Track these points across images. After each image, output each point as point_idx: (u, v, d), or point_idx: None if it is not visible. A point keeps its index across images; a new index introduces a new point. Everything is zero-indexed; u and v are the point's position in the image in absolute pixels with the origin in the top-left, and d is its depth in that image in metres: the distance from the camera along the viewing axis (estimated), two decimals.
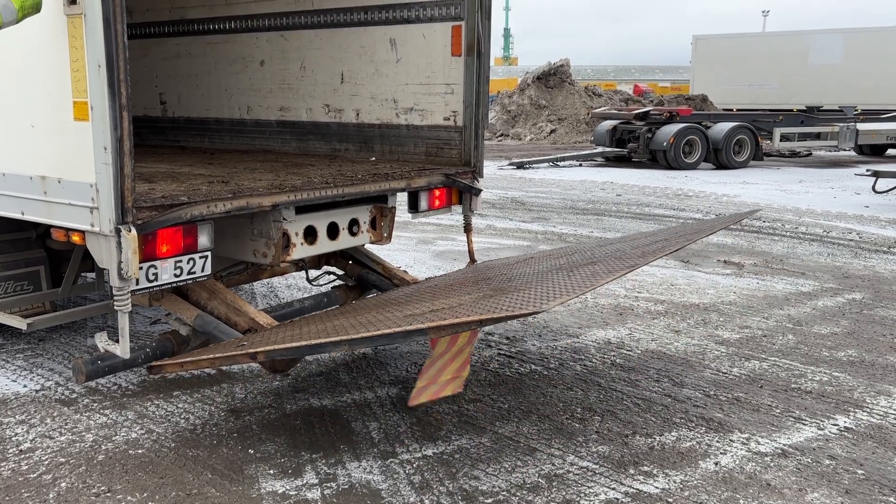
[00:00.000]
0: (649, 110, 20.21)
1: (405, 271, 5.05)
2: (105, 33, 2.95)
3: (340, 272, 5.16)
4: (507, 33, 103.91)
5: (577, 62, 39.97)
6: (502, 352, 5.07)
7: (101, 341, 3.49)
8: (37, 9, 3.04)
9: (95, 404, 4.11)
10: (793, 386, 4.54)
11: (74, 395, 4.23)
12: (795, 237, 9.57)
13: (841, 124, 20.57)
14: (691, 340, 5.39)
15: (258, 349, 3.00)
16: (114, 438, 3.72)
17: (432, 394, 3.07)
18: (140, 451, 3.59)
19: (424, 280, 4.91)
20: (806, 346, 5.30)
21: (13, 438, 3.71)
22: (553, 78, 30.52)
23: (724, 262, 8.06)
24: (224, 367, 4.66)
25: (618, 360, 4.94)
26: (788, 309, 6.24)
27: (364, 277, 4.97)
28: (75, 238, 3.33)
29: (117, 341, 3.42)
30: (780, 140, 20.07)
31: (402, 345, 2.74)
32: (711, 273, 7.53)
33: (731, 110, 21.05)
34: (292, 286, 6.64)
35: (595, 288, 3.12)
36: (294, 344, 2.95)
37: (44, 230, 4.18)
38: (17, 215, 3.55)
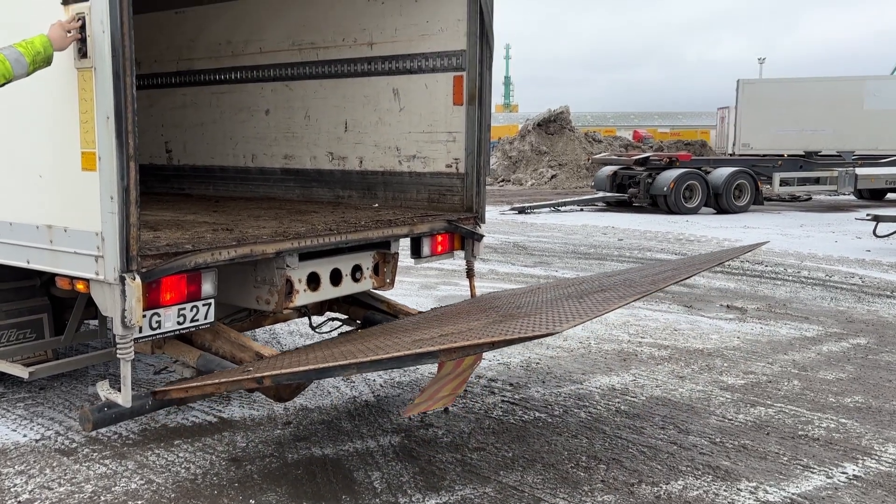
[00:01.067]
0: (649, 156, 20.41)
1: (410, 307, 5.04)
2: (115, 86, 3.01)
3: (344, 317, 5.15)
4: (507, 81, 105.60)
5: (577, 109, 40.51)
6: (506, 398, 5.03)
7: (103, 390, 3.47)
8: (48, 62, 3.10)
9: (95, 454, 4.07)
10: (800, 433, 4.49)
11: (74, 445, 4.19)
12: (798, 281, 9.56)
13: (840, 169, 20.73)
14: (696, 386, 5.35)
15: (264, 374, 2.98)
16: (113, 489, 3.67)
17: (425, 407, 3.11)
18: (139, 503, 3.54)
19: (430, 310, 4.91)
20: (812, 391, 5.26)
21: (12, 489, 3.66)
22: (553, 124, 30.90)
23: (728, 306, 8.04)
24: (225, 416, 4.62)
25: (622, 407, 4.90)
26: (793, 354, 6.21)
27: (370, 317, 4.95)
28: (80, 286, 3.34)
29: (119, 390, 3.40)
30: (780, 185, 20.21)
31: (411, 366, 2.71)
32: (715, 318, 7.50)
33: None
34: (294, 332, 6.63)
35: (608, 312, 3.09)
36: (301, 368, 2.93)
37: (48, 278, 4.19)
38: (23, 264, 3.57)
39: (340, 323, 5.17)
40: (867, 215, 13.01)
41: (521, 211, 18.82)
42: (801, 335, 6.84)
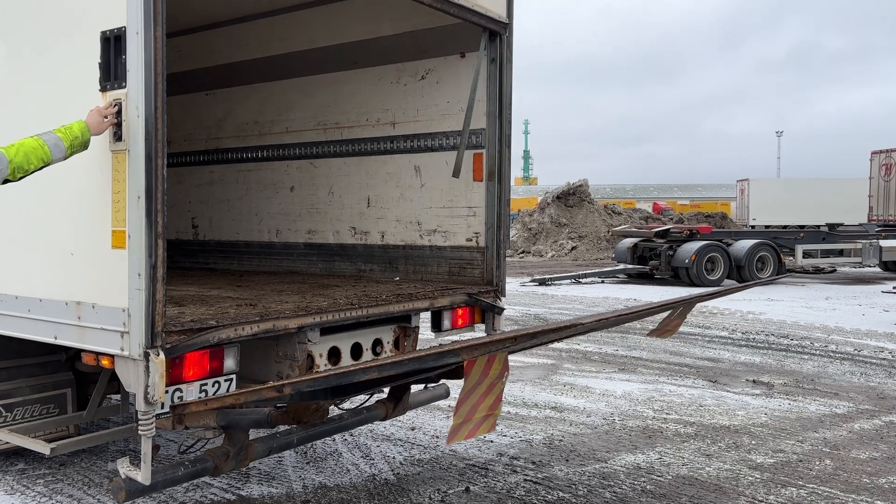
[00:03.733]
0: (669, 228, 20.43)
1: None
2: (146, 167, 3.12)
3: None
4: (526, 155, 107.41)
5: (596, 181, 40.91)
6: (528, 477, 4.93)
7: (123, 467, 3.45)
8: (85, 146, 3.23)
9: None
10: None
11: None
12: (825, 356, 9.37)
13: (864, 241, 20.57)
14: (723, 465, 5.20)
15: (285, 382, 2.99)
16: None
17: (468, 433, 3.01)
18: None
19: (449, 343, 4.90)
20: (845, 472, 5.09)
21: None
22: (572, 197, 31.16)
23: (754, 381, 7.88)
24: (244, 493, 4.56)
25: (648, 487, 4.77)
26: (823, 432, 6.04)
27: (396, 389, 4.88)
28: (104, 362, 3.37)
29: (139, 466, 3.38)
30: (803, 257, 20.06)
31: (433, 367, 2.62)
32: (741, 393, 7.35)
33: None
34: None
35: (630, 314, 3.01)
36: (321, 374, 2.94)
37: (73, 353, 4.24)
38: (51, 339, 3.62)
39: (366, 398, 5.08)
40: (893, 287, 12.83)
41: (542, 283, 18.79)
42: (831, 412, 6.67)
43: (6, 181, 3.19)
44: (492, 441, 5.70)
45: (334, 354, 4.26)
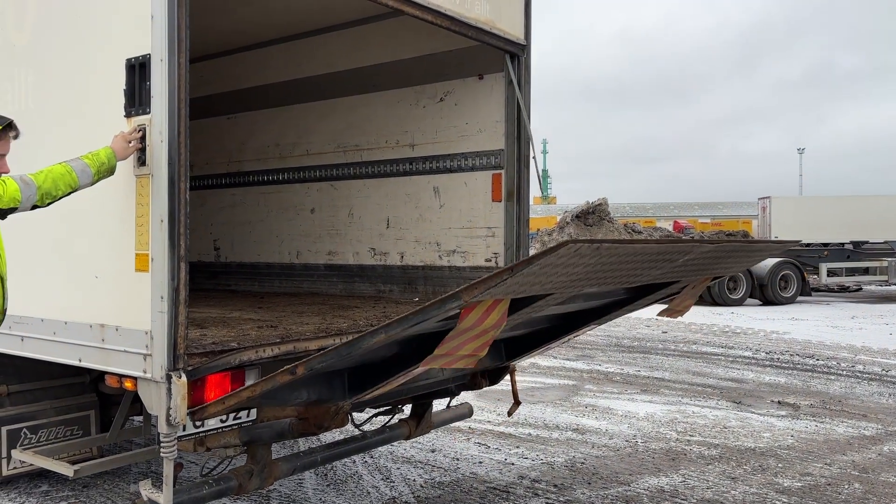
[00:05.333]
0: None
1: None
2: (170, 191, 3.16)
3: (387, 407, 5.07)
4: (545, 174, 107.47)
5: (615, 200, 40.75)
6: (550, 501, 4.87)
7: (145, 489, 3.46)
8: (111, 172, 3.28)
9: None
10: None
11: None
12: (853, 376, 9.21)
13: (890, 259, 20.27)
14: (749, 489, 5.11)
15: (296, 364, 2.99)
16: None
17: (445, 363, 2.97)
18: None
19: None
20: (875, 496, 4.98)
21: None
22: (592, 216, 31.04)
23: (779, 402, 7.76)
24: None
25: None
26: (852, 454, 5.92)
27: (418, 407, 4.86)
28: (127, 384, 3.40)
29: (161, 488, 3.39)
30: (828, 275, 19.81)
31: (437, 316, 2.52)
32: (766, 415, 7.24)
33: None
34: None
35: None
36: (332, 347, 2.96)
37: (97, 375, 4.28)
38: (75, 362, 3.65)
39: (389, 418, 5.07)
40: None
41: None
42: (859, 434, 6.54)
43: (35, 207, 3.25)
44: (513, 464, 5.65)
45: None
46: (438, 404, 4.98)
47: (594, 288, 3.18)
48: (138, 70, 3.25)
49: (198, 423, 3.35)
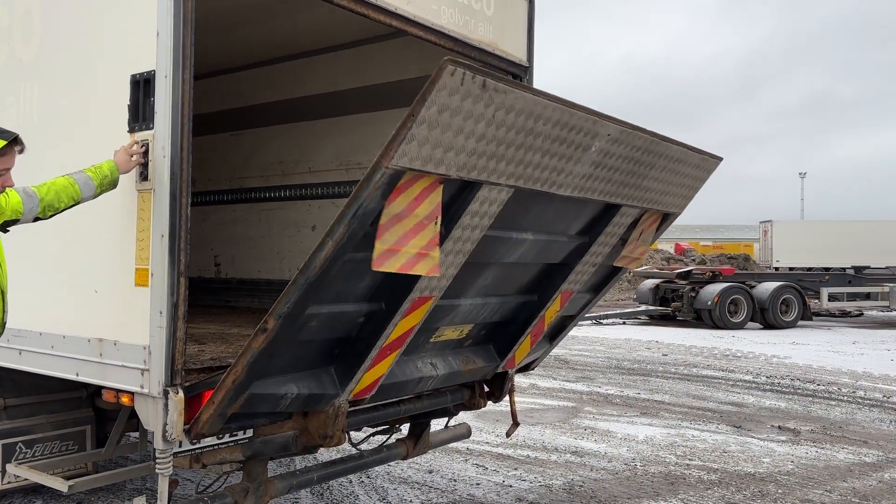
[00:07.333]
0: (692, 269, 20.27)
1: None
2: (171, 207, 3.17)
3: (384, 427, 5.04)
4: None
5: None
6: None
7: None
8: (114, 185, 3.29)
9: None
10: None
11: None
12: (854, 402, 9.16)
13: (892, 284, 20.24)
14: None
15: (264, 319, 2.91)
16: None
17: (400, 265, 2.83)
18: None
19: None
20: None
21: None
22: None
23: (779, 427, 7.71)
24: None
25: None
26: (852, 481, 5.87)
27: (416, 425, 4.82)
28: (124, 399, 3.38)
29: None
30: (829, 300, 19.77)
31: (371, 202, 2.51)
32: (766, 440, 7.19)
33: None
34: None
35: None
36: (289, 285, 2.88)
37: (94, 390, 4.26)
38: (73, 376, 3.64)
39: (386, 437, 5.02)
40: None
41: None
42: (860, 460, 6.49)
43: (37, 219, 3.26)
44: (511, 486, 5.61)
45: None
46: (437, 424, 4.94)
47: (515, 182, 3.17)
48: (143, 86, 3.26)
49: (194, 441, 3.32)
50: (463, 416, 7.94)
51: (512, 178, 3.13)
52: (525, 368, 5.10)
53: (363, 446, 4.75)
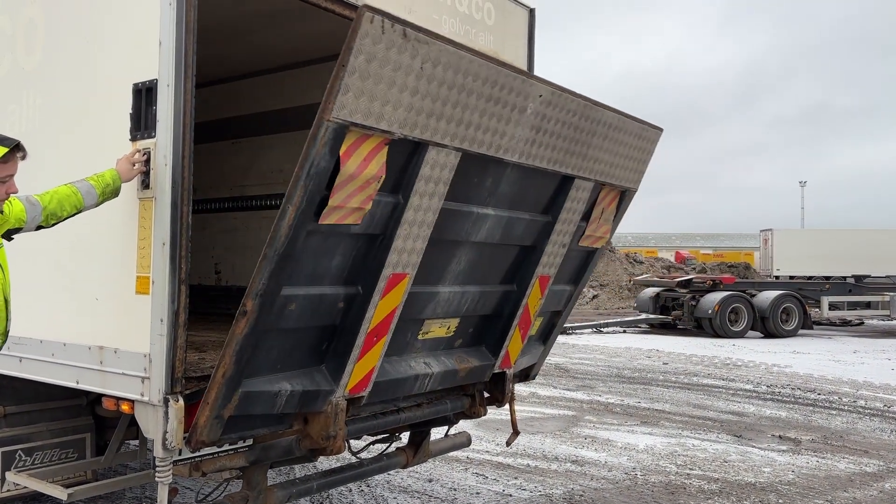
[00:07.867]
0: (692, 278, 20.28)
1: None
2: (172, 215, 3.18)
3: (384, 435, 5.04)
4: None
5: (617, 230, 40.74)
6: None
7: None
8: (116, 194, 3.30)
9: None
10: None
11: None
12: (854, 411, 9.14)
13: (892, 293, 20.23)
14: None
15: (242, 302, 2.94)
16: None
17: (338, 217, 3.06)
18: None
19: None
20: None
21: None
22: None
23: (780, 437, 7.69)
24: None
25: None
26: (853, 491, 5.85)
27: (416, 435, 4.81)
28: (124, 407, 3.38)
29: None
30: (829, 309, 19.76)
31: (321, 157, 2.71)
32: (767, 449, 7.17)
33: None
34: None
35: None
36: (260, 260, 2.91)
37: (94, 398, 4.26)
38: (73, 384, 3.64)
39: (386, 445, 5.01)
40: None
41: (563, 332, 18.64)
42: (860, 470, 6.48)
43: (40, 227, 3.27)
44: (511, 495, 5.59)
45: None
46: (437, 433, 4.94)
47: (461, 144, 3.23)
48: (145, 94, 3.28)
49: (194, 450, 3.32)
50: (463, 425, 7.93)
51: (456, 139, 3.21)
52: (525, 377, 5.10)
53: (363, 455, 4.75)
